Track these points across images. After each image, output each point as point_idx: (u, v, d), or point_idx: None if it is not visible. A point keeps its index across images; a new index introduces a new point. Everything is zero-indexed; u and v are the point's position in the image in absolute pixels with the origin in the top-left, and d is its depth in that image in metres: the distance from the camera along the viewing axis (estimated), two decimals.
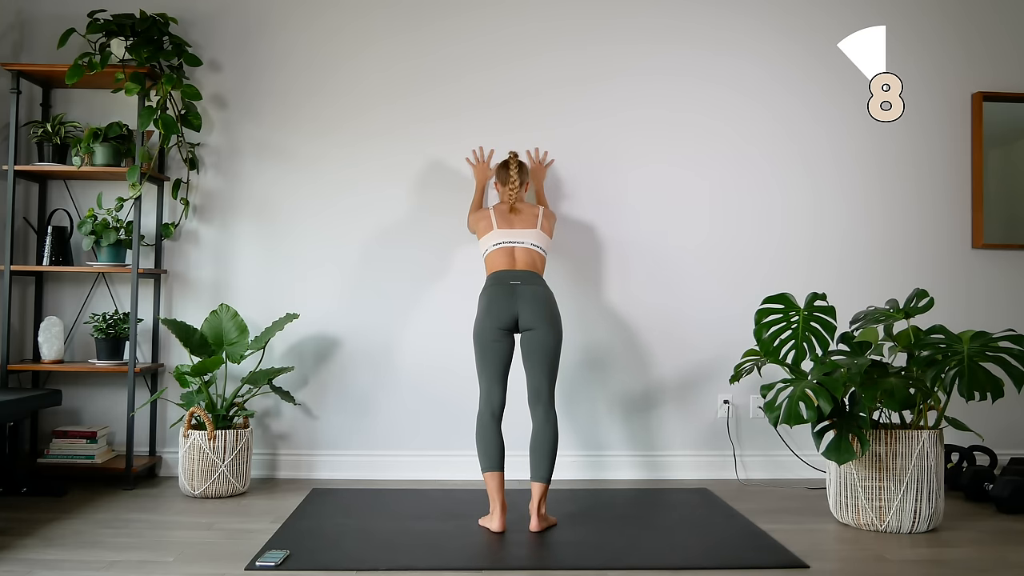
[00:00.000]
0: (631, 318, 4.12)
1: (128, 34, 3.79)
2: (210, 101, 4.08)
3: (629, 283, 4.13)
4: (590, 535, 3.11)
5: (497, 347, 3.29)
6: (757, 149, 4.19)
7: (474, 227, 3.65)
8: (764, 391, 3.27)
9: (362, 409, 4.07)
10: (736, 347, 3.86)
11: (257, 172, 4.09)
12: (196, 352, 3.77)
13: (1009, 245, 4.22)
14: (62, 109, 4.04)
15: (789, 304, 3.35)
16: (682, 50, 4.17)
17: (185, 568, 2.72)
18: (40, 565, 2.72)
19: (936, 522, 3.21)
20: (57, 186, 4.06)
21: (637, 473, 4.09)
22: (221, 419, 3.70)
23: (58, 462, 3.75)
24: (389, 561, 2.79)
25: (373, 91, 4.11)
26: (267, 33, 4.11)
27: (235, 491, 3.66)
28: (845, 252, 4.20)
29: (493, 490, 3.16)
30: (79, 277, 4.06)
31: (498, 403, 3.28)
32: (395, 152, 4.10)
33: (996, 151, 4.25)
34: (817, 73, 4.20)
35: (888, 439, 3.17)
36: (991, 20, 4.28)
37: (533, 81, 4.13)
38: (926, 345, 3.23)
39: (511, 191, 3.55)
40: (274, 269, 4.08)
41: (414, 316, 4.08)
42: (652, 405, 4.12)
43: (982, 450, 3.91)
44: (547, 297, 3.34)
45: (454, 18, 4.14)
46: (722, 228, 4.17)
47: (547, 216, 3.58)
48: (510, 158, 3.63)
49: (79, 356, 4.05)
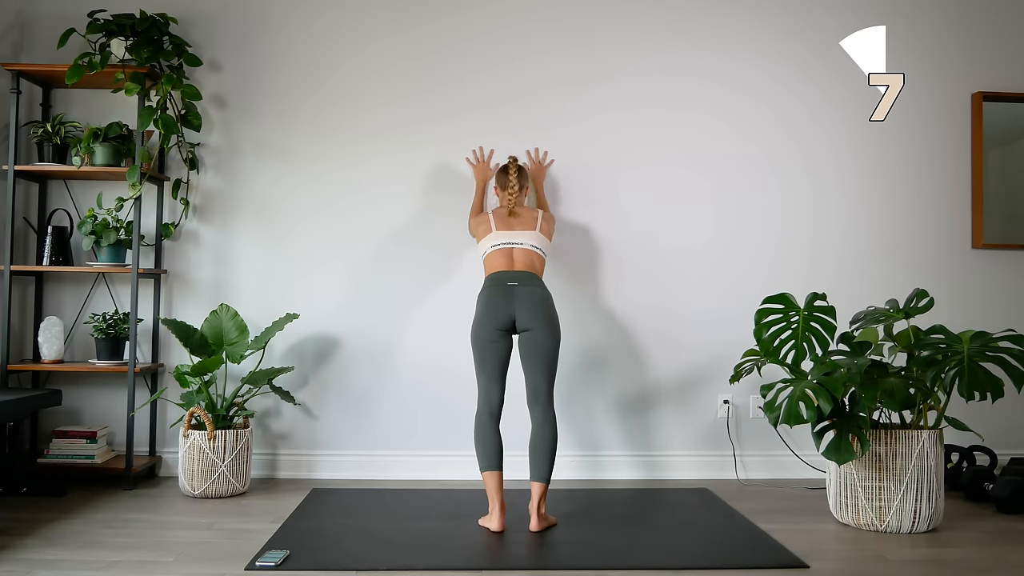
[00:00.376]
0: (631, 318, 4.12)
1: (128, 34, 3.79)
2: (210, 101, 4.08)
3: (629, 283, 4.12)
4: (590, 535, 3.11)
5: (495, 348, 3.29)
6: (757, 149, 4.18)
7: (474, 231, 3.67)
8: (764, 391, 3.27)
9: (362, 409, 4.07)
10: (736, 347, 3.87)
11: (257, 172, 4.09)
12: (196, 352, 3.78)
13: (1009, 245, 4.22)
14: (62, 109, 4.04)
15: (789, 304, 3.35)
16: (683, 50, 4.17)
17: (185, 568, 2.72)
18: (40, 565, 2.72)
19: (936, 522, 3.21)
20: (57, 186, 4.06)
21: (637, 473, 4.09)
22: (221, 419, 3.70)
23: (58, 462, 3.75)
24: (389, 561, 2.79)
25: (373, 90, 4.11)
26: (267, 33, 4.11)
27: (235, 491, 3.66)
28: (845, 252, 4.20)
29: (492, 490, 3.16)
30: (79, 277, 4.06)
31: (496, 403, 3.28)
32: (395, 152, 4.10)
33: (996, 151, 4.24)
34: (817, 73, 4.20)
35: (888, 439, 3.17)
36: (991, 20, 4.28)
37: (533, 81, 4.13)
38: (926, 345, 3.23)
39: (510, 196, 3.58)
40: (274, 269, 4.08)
41: (415, 316, 4.08)
42: (652, 405, 4.12)
43: (982, 450, 3.91)
44: (545, 298, 3.34)
45: (454, 17, 4.14)
46: (723, 228, 4.17)
47: (546, 219, 3.59)
48: (510, 163, 3.64)
49: (79, 356, 4.05)
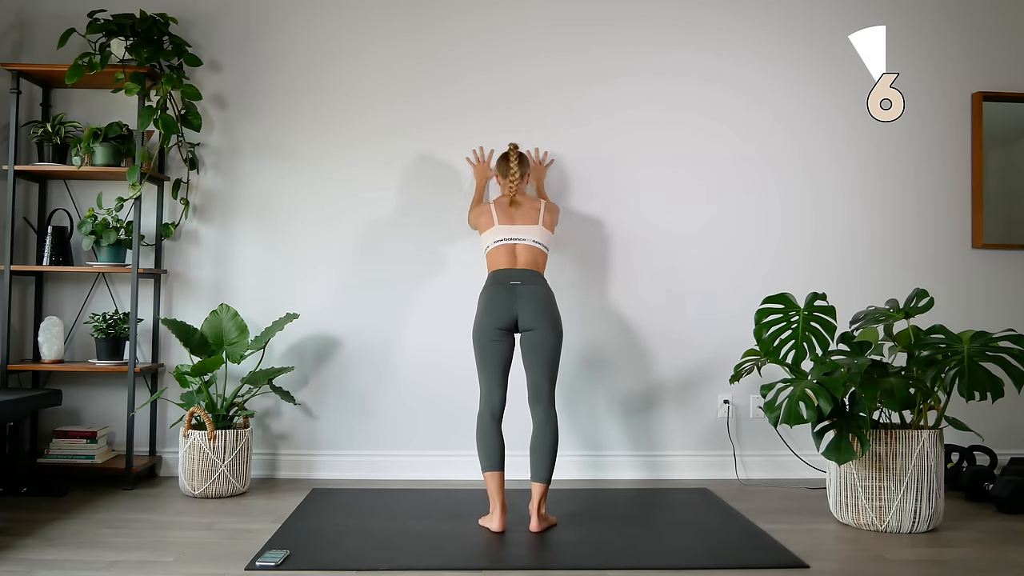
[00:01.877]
0: (630, 318, 4.12)
1: (128, 34, 3.79)
2: (210, 101, 4.08)
3: (629, 283, 4.12)
4: (590, 535, 3.11)
5: (496, 347, 3.29)
6: (757, 149, 4.18)
7: (475, 222, 3.63)
8: (764, 391, 3.27)
9: (362, 409, 4.07)
10: (736, 347, 3.86)
11: (257, 172, 4.09)
12: (196, 352, 3.77)
13: (1009, 245, 4.22)
14: (62, 109, 4.04)
15: (789, 304, 3.35)
16: (685, 50, 4.17)
17: (185, 568, 2.72)
18: (40, 565, 2.72)
19: (936, 522, 3.21)
20: (57, 186, 4.06)
21: (637, 473, 4.09)
22: (221, 419, 3.70)
23: (58, 462, 3.75)
24: (389, 561, 2.79)
25: (373, 90, 4.11)
26: (267, 33, 4.11)
27: (235, 491, 3.66)
28: (845, 252, 4.20)
29: (493, 490, 3.16)
30: (79, 277, 4.06)
31: (498, 403, 3.28)
32: (395, 151, 4.10)
33: (996, 151, 4.24)
34: (818, 73, 4.20)
35: (888, 439, 3.17)
36: (991, 20, 4.28)
37: (533, 81, 4.13)
38: (926, 345, 3.23)
39: (511, 183, 3.51)
40: (274, 269, 4.08)
41: (414, 316, 4.08)
42: (652, 405, 4.12)
43: (982, 450, 3.91)
44: (547, 297, 3.33)
45: (454, 17, 4.14)
46: (723, 228, 4.17)
47: (549, 210, 3.54)
48: (510, 149, 3.58)
49: (79, 356, 4.05)
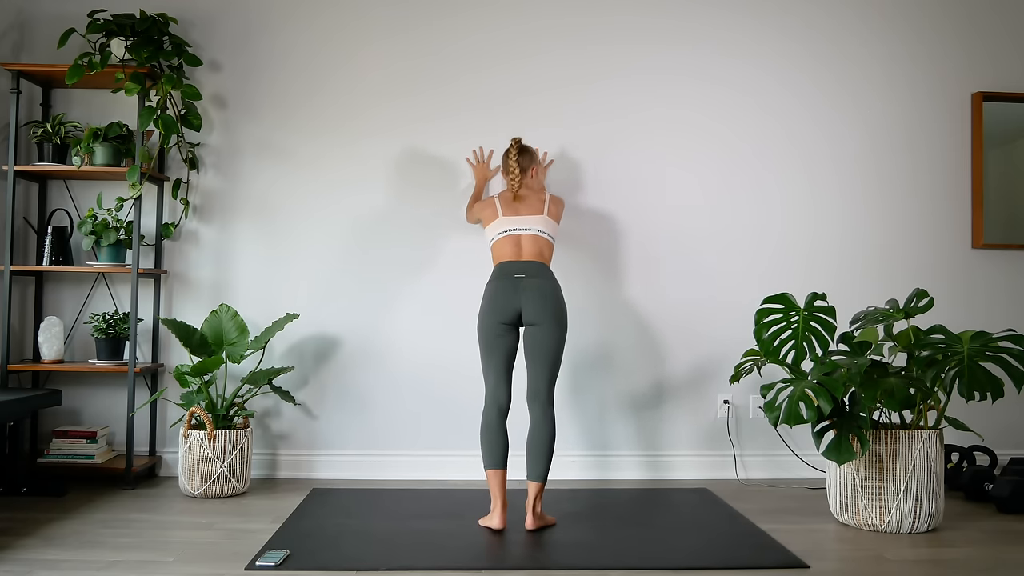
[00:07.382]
0: (629, 319, 4.12)
1: (128, 34, 3.79)
2: (210, 101, 4.08)
3: (628, 283, 4.13)
4: (590, 535, 3.11)
5: (501, 342, 3.27)
6: (754, 149, 4.19)
7: (478, 215, 3.57)
8: (764, 391, 3.27)
9: (362, 409, 4.07)
10: (736, 347, 3.87)
11: (257, 172, 4.09)
12: (196, 352, 3.78)
13: (1009, 245, 4.22)
14: (62, 109, 4.04)
15: (789, 304, 3.35)
16: (685, 50, 4.17)
17: (185, 568, 2.72)
18: (40, 565, 2.72)
19: (936, 522, 3.21)
20: (57, 186, 4.06)
21: (637, 473, 4.09)
22: (221, 419, 3.70)
23: (58, 462, 3.75)
24: (389, 561, 2.79)
25: (373, 90, 4.11)
26: (267, 33, 4.11)
27: (235, 491, 3.66)
28: (845, 252, 4.20)
29: (495, 487, 3.16)
30: (79, 277, 4.06)
31: (504, 399, 3.26)
32: (395, 151, 4.10)
33: (996, 151, 4.25)
34: (818, 73, 4.20)
35: (888, 439, 3.18)
36: (991, 20, 4.28)
37: (533, 81, 4.13)
38: (926, 345, 3.23)
39: (513, 179, 3.47)
40: (274, 269, 4.08)
41: (414, 316, 4.08)
42: (652, 405, 4.12)
43: (982, 450, 3.91)
44: (553, 291, 3.29)
45: (454, 17, 4.14)
46: (721, 228, 4.17)
47: (554, 201, 3.50)
48: (511, 145, 3.52)
49: (79, 356, 4.06)
